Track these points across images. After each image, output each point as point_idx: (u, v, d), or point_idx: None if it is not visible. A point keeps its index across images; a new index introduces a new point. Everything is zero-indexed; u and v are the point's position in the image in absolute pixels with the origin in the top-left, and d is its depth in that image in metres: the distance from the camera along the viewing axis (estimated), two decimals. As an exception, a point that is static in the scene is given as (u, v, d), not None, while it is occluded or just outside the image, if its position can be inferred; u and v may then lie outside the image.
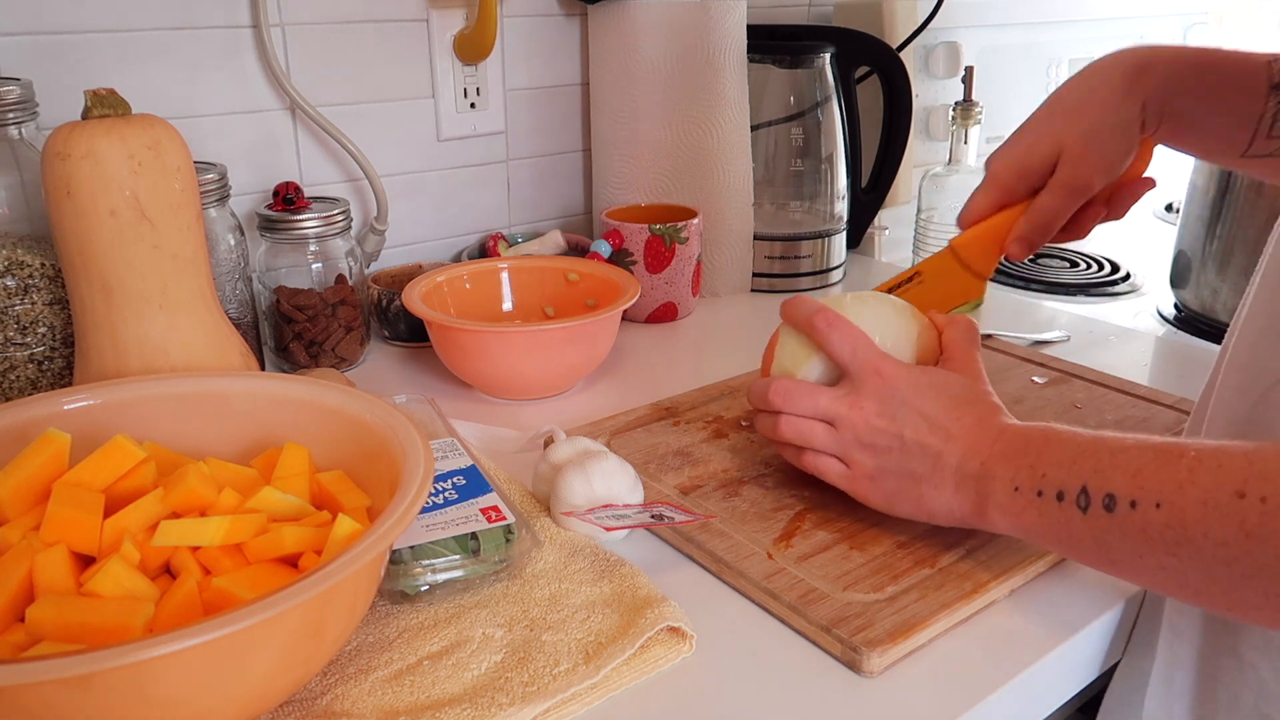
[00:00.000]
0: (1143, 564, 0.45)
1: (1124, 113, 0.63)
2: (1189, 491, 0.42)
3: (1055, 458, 0.49)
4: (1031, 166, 0.66)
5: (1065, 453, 0.49)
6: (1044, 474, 0.49)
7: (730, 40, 1.00)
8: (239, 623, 0.37)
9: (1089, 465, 0.47)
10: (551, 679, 0.48)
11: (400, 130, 1.00)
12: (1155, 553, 0.44)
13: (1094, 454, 0.47)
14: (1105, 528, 0.46)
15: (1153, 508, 0.43)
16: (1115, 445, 0.47)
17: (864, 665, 0.50)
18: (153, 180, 0.60)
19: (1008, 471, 0.51)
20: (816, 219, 1.10)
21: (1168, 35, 1.59)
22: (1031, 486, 0.49)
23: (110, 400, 0.57)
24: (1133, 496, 0.44)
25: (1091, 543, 0.47)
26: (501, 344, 0.78)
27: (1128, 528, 0.45)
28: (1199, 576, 0.43)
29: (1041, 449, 0.50)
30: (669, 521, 0.58)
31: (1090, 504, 0.46)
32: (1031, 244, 0.67)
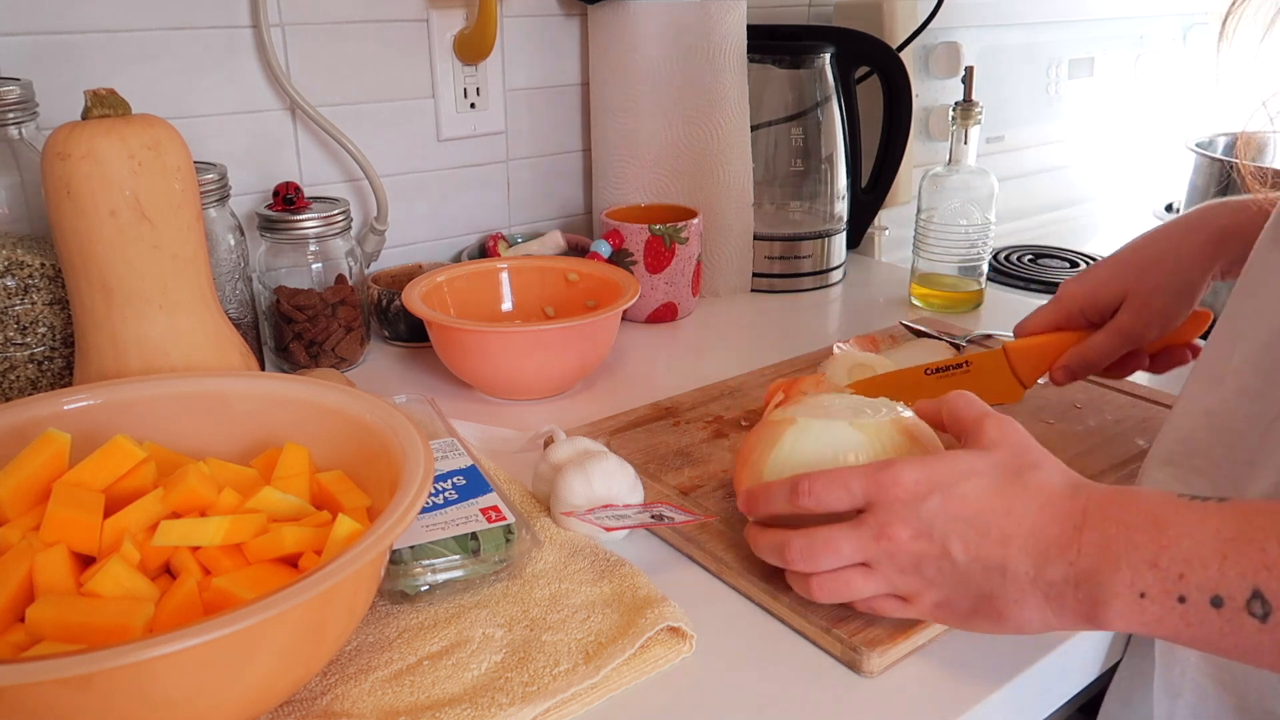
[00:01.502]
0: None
1: (1192, 277, 0.66)
2: None
3: (1189, 553, 0.39)
4: (1097, 304, 0.69)
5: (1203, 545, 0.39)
6: (1181, 575, 0.39)
7: (730, 40, 1.00)
8: (239, 623, 0.37)
9: (1254, 562, 0.38)
10: (551, 679, 0.48)
11: (400, 130, 1.00)
12: None
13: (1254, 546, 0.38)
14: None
15: None
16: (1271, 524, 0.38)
17: (864, 665, 0.50)
18: (153, 180, 0.60)
19: (1121, 575, 0.41)
20: (816, 219, 1.10)
21: (1168, 35, 1.59)
22: (1166, 591, 0.40)
23: (110, 400, 0.57)
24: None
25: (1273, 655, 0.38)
26: (501, 344, 0.78)
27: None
28: None
29: (1158, 540, 0.40)
30: (669, 521, 0.58)
31: (1271, 612, 0.37)
32: (1074, 374, 0.70)
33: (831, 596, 0.49)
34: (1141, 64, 1.55)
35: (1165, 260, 0.67)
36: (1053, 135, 1.47)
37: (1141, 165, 1.60)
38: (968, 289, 1.02)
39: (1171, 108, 1.63)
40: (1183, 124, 1.61)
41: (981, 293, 1.03)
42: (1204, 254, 0.66)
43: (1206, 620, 0.39)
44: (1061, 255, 1.28)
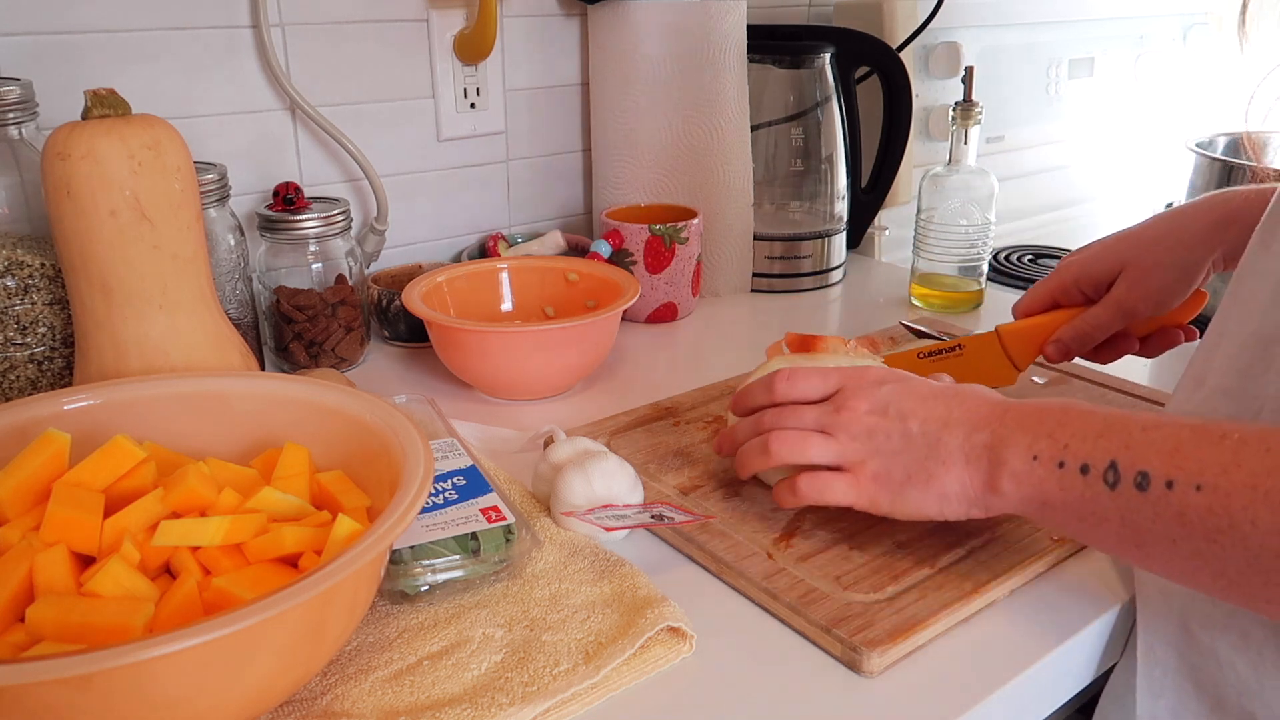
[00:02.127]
0: (1175, 550, 0.43)
1: (1193, 258, 0.66)
2: (1234, 475, 0.40)
3: (1078, 429, 0.47)
4: (1091, 274, 0.69)
5: (1089, 425, 0.46)
6: (1066, 444, 0.47)
7: (730, 40, 1.00)
8: (239, 623, 0.37)
9: (1118, 440, 0.45)
10: (551, 679, 0.48)
11: (400, 130, 1.00)
12: (1192, 538, 0.41)
13: (1123, 428, 0.45)
14: (1135, 507, 0.43)
15: (1192, 489, 0.41)
16: (1146, 421, 0.44)
17: (864, 665, 0.50)
18: (153, 180, 0.60)
19: (1024, 439, 0.49)
20: (816, 219, 1.10)
21: (1168, 35, 1.59)
22: (1052, 456, 0.47)
23: (110, 400, 0.57)
24: (1169, 476, 0.42)
25: (1118, 522, 0.45)
26: (501, 344, 0.78)
27: (1162, 509, 0.42)
28: (1239, 567, 0.40)
29: (1061, 419, 0.48)
30: (669, 521, 0.58)
31: (1120, 480, 0.44)
32: (1068, 350, 0.70)
33: (787, 453, 0.56)
34: (1141, 64, 1.55)
35: (1167, 240, 0.67)
36: (1053, 135, 1.47)
37: (1141, 165, 1.60)
38: (968, 289, 1.02)
39: (1171, 108, 1.63)
40: (1183, 124, 1.61)
41: (981, 293, 1.03)
42: (1207, 235, 0.66)
43: (1074, 484, 0.46)
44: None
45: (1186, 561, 0.43)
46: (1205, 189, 1.04)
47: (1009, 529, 0.60)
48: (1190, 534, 0.41)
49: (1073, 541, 0.59)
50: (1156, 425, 0.44)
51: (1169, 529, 0.42)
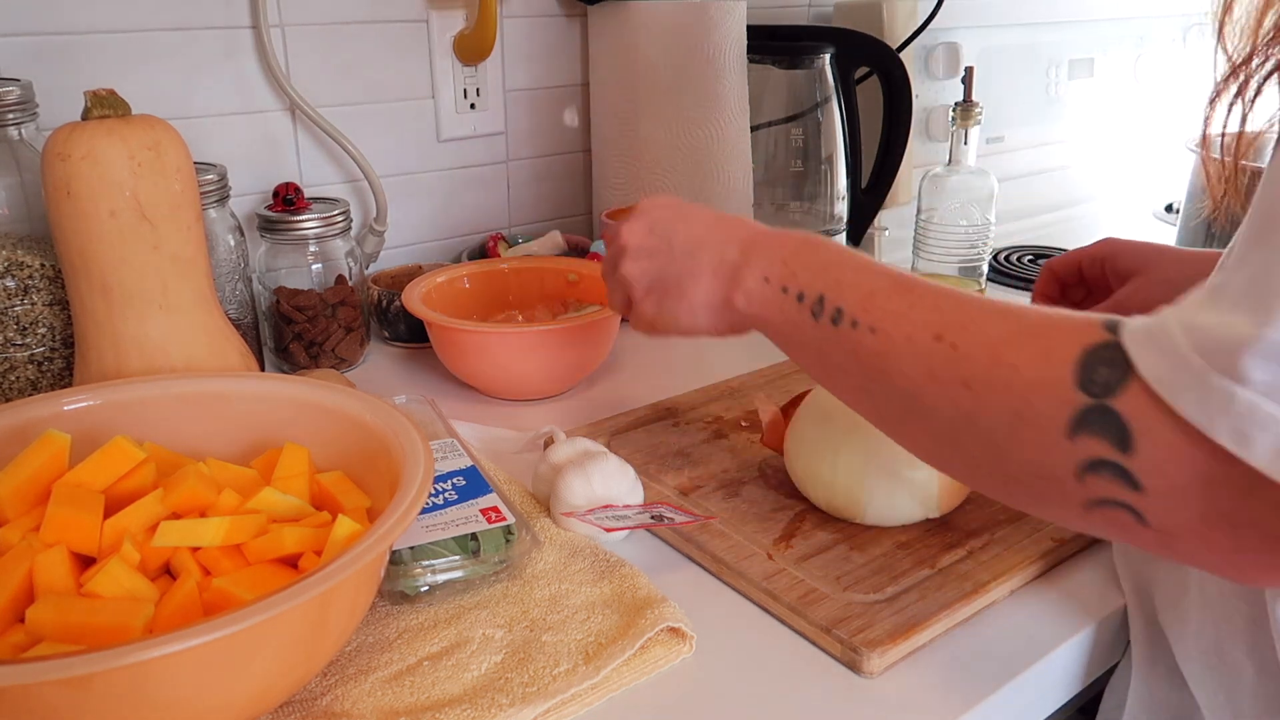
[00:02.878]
0: (846, 382, 0.47)
1: None
2: (901, 325, 0.44)
3: (808, 261, 0.50)
4: (1120, 260, 0.70)
5: (819, 260, 0.50)
6: (794, 273, 0.50)
7: (730, 41, 1.00)
8: (239, 623, 0.37)
9: (834, 276, 0.48)
10: (551, 679, 0.48)
11: (400, 131, 1.00)
12: (859, 374, 0.46)
13: (842, 268, 0.48)
14: (828, 338, 0.47)
15: (868, 331, 0.45)
16: (865, 266, 0.48)
17: (864, 665, 0.50)
18: (153, 181, 0.60)
19: (762, 262, 0.52)
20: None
21: (1168, 35, 1.59)
22: (779, 281, 0.51)
23: (110, 400, 0.57)
24: (856, 316, 0.46)
25: (815, 351, 0.49)
26: (501, 344, 0.78)
27: (844, 344, 0.46)
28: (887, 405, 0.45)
29: (799, 249, 0.51)
30: (669, 522, 0.58)
31: (822, 313, 0.48)
32: None
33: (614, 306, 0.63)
34: (1141, 64, 1.55)
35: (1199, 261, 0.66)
36: (1053, 135, 1.47)
37: (1141, 165, 1.60)
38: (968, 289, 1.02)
39: (1171, 108, 1.63)
40: (1183, 124, 1.61)
41: (982, 293, 1.03)
42: None
43: (789, 310, 0.50)
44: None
45: (856, 394, 0.47)
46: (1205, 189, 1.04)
47: (1009, 531, 0.60)
48: (861, 369, 0.46)
49: (1073, 543, 0.59)
50: (870, 271, 0.48)
51: (845, 362, 0.47)
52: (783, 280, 0.51)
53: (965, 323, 0.42)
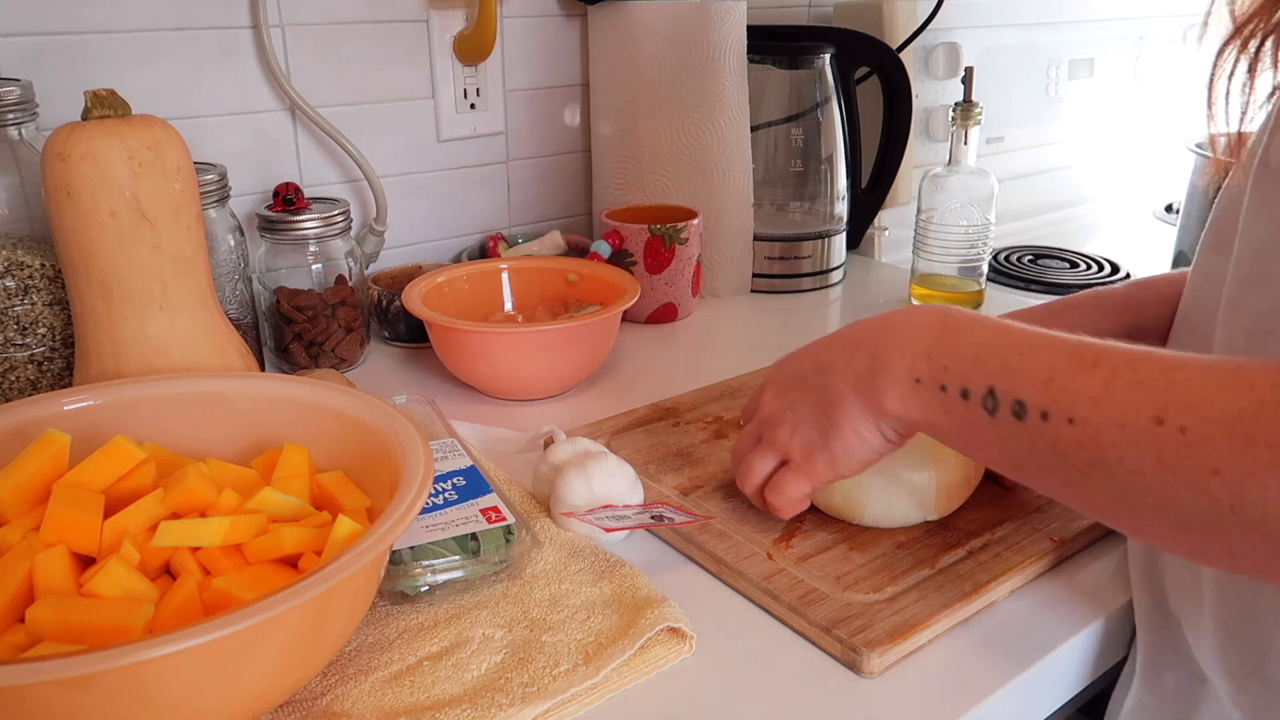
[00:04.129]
0: (1051, 477, 0.42)
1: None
2: (1104, 411, 0.39)
3: (956, 350, 0.46)
4: None
5: (967, 345, 0.45)
6: (945, 366, 0.46)
7: (730, 41, 1.00)
8: (239, 623, 0.37)
9: (996, 364, 0.44)
10: (551, 679, 0.48)
11: (400, 131, 1.00)
12: (1065, 469, 0.41)
13: (1000, 351, 0.44)
14: (1013, 435, 0.43)
15: (1065, 423, 0.40)
16: (1024, 342, 0.43)
17: (864, 666, 0.50)
18: (153, 181, 0.60)
19: (904, 360, 0.48)
20: (816, 220, 1.10)
21: (1168, 35, 1.59)
22: (932, 380, 0.46)
23: (110, 400, 0.57)
24: (1044, 408, 0.41)
25: (998, 448, 0.44)
26: (501, 344, 0.78)
27: (1037, 439, 0.42)
28: (1108, 500, 0.40)
29: (939, 338, 0.47)
30: (669, 522, 0.58)
31: (998, 408, 0.43)
32: None
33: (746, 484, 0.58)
34: (1141, 64, 1.55)
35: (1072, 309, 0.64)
36: (1053, 136, 1.47)
37: (1141, 165, 1.60)
38: (968, 290, 1.02)
39: (1171, 108, 1.63)
40: (1183, 124, 1.61)
41: (982, 293, 1.03)
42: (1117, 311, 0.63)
43: (955, 408, 0.45)
44: (1061, 256, 1.28)
45: (1062, 489, 0.43)
46: (1205, 189, 1.04)
47: (1009, 530, 0.60)
48: (1064, 465, 0.41)
49: (1073, 542, 0.59)
50: (1033, 348, 0.43)
51: (1044, 458, 0.42)
52: (936, 378, 0.46)
53: (1186, 398, 0.36)
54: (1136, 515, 0.39)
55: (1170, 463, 0.36)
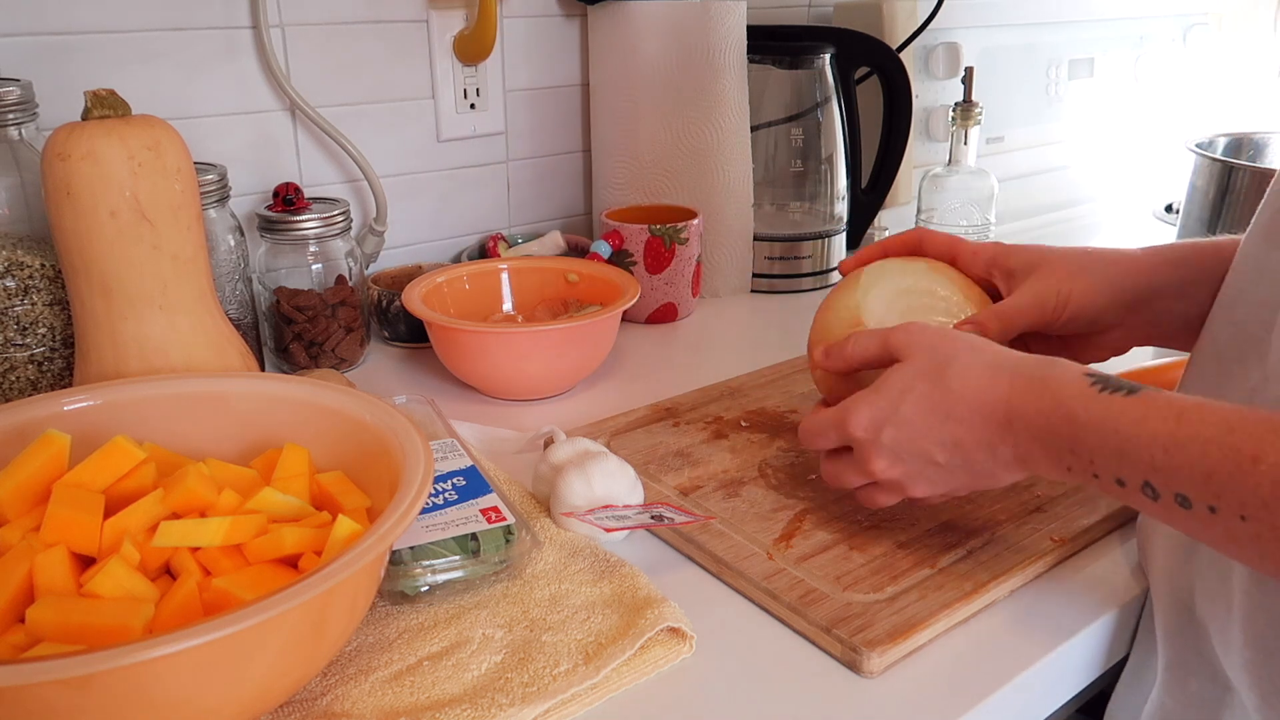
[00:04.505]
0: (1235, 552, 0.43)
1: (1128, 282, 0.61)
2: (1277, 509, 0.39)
3: (1096, 448, 0.45)
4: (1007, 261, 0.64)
5: (1107, 443, 0.45)
6: (1091, 460, 0.46)
7: (730, 41, 1.00)
8: (239, 624, 0.37)
9: (1145, 463, 0.43)
10: (551, 679, 0.48)
11: (400, 131, 1.00)
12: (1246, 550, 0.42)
13: (1145, 451, 0.43)
14: (1182, 519, 0.43)
15: (1237, 519, 0.40)
16: (1166, 437, 0.43)
17: (864, 665, 0.50)
18: (153, 181, 0.60)
19: (1049, 457, 0.48)
20: (816, 219, 1.10)
21: (1168, 35, 1.59)
22: (1084, 470, 0.47)
23: (110, 401, 0.57)
24: (1211, 503, 0.41)
25: (1168, 521, 0.45)
26: (501, 344, 0.78)
27: (1209, 525, 0.42)
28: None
29: (1074, 436, 0.46)
30: (669, 522, 0.58)
31: (1160, 497, 0.43)
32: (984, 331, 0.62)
33: (870, 505, 0.58)
34: (1141, 64, 1.55)
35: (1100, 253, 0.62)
36: (1053, 136, 1.47)
37: (1141, 165, 1.60)
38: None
39: (1171, 108, 1.63)
40: (1183, 124, 1.61)
41: (981, 293, 1.03)
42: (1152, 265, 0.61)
43: (1114, 490, 0.46)
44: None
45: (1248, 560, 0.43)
46: (1205, 189, 1.04)
47: (1009, 529, 0.60)
48: (1243, 548, 0.41)
49: (1073, 542, 0.59)
50: (1176, 443, 0.42)
51: (1218, 540, 0.42)
52: (1086, 470, 0.46)
53: None
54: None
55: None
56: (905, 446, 0.53)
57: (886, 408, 0.53)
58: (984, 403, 0.50)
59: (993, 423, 0.50)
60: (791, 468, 0.68)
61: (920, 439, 0.52)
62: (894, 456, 0.54)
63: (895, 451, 0.53)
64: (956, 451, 0.52)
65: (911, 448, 0.53)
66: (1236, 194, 1.01)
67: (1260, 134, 1.20)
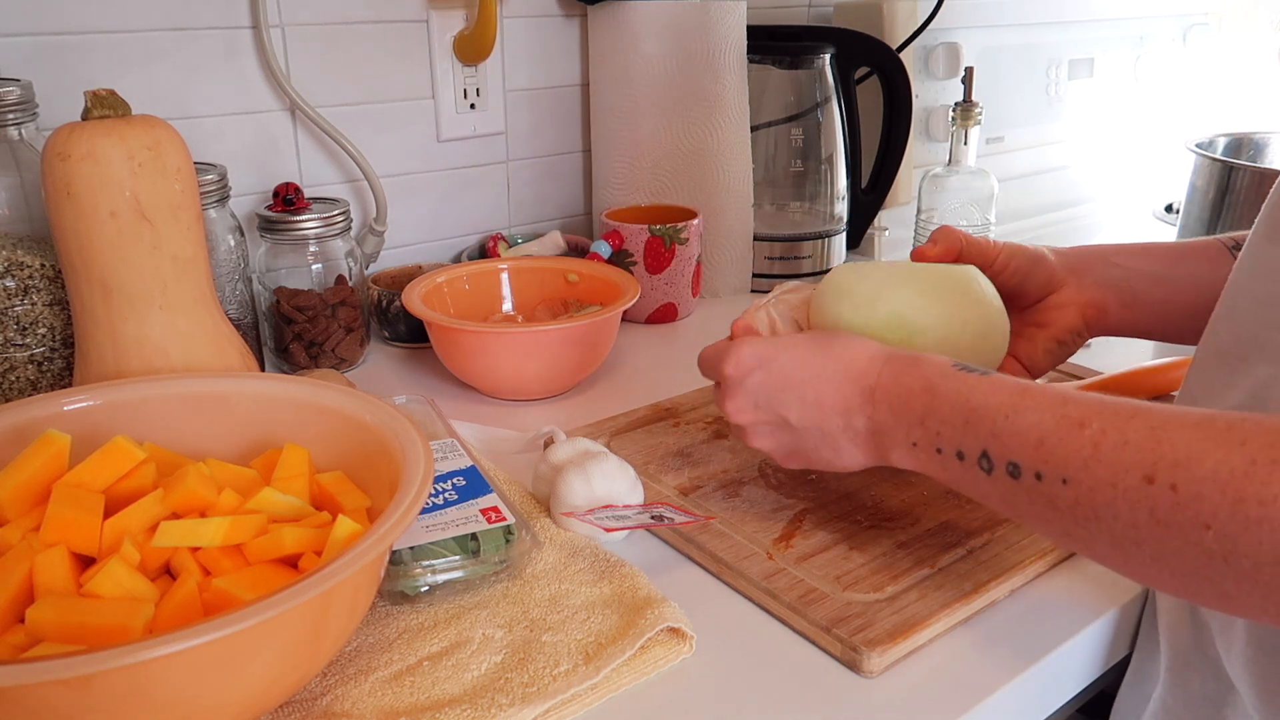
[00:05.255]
0: (1051, 528, 0.45)
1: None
2: (1096, 471, 0.41)
3: (944, 417, 0.48)
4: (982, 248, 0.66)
5: (954, 413, 0.48)
6: (937, 432, 0.48)
7: (730, 41, 1.00)
8: (239, 624, 0.37)
9: (985, 430, 0.46)
10: (551, 680, 0.48)
11: (400, 131, 1.00)
12: (1064, 522, 0.43)
13: (989, 417, 0.46)
14: (1011, 491, 0.45)
15: (1059, 482, 0.42)
16: (1009, 405, 0.45)
17: (864, 665, 0.50)
18: (153, 181, 0.60)
19: (900, 428, 0.50)
20: (816, 220, 1.10)
21: (1168, 35, 1.59)
22: (929, 444, 0.49)
23: (110, 401, 0.57)
24: (1037, 469, 0.43)
25: (998, 501, 0.47)
26: (501, 344, 0.78)
27: (1035, 496, 0.44)
28: (1106, 549, 0.42)
29: (928, 405, 0.49)
30: (669, 522, 0.58)
31: (994, 468, 0.45)
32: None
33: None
34: (1141, 64, 1.55)
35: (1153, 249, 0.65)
36: (1053, 136, 1.47)
37: (1141, 165, 1.60)
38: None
39: (1171, 108, 1.63)
40: (1183, 124, 1.61)
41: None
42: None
43: (954, 468, 0.48)
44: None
45: (1062, 538, 0.45)
46: (1205, 189, 1.04)
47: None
48: (1061, 519, 0.43)
49: (1073, 542, 0.59)
50: (1018, 410, 0.45)
51: (1043, 512, 0.44)
52: (932, 442, 0.49)
53: (1175, 458, 0.38)
54: (1133, 564, 0.41)
55: (1163, 518, 0.38)
56: (765, 396, 0.55)
57: (767, 353, 0.56)
58: (857, 373, 0.53)
59: (857, 389, 0.52)
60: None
61: (782, 391, 0.54)
62: (749, 401, 0.56)
63: (754, 397, 0.56)
64: (813, 411, 0.53)
65: (770, 399, 0.55)
66: (1236, 194, 1.01)
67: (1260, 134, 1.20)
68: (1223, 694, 0.52)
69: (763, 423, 0.56)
